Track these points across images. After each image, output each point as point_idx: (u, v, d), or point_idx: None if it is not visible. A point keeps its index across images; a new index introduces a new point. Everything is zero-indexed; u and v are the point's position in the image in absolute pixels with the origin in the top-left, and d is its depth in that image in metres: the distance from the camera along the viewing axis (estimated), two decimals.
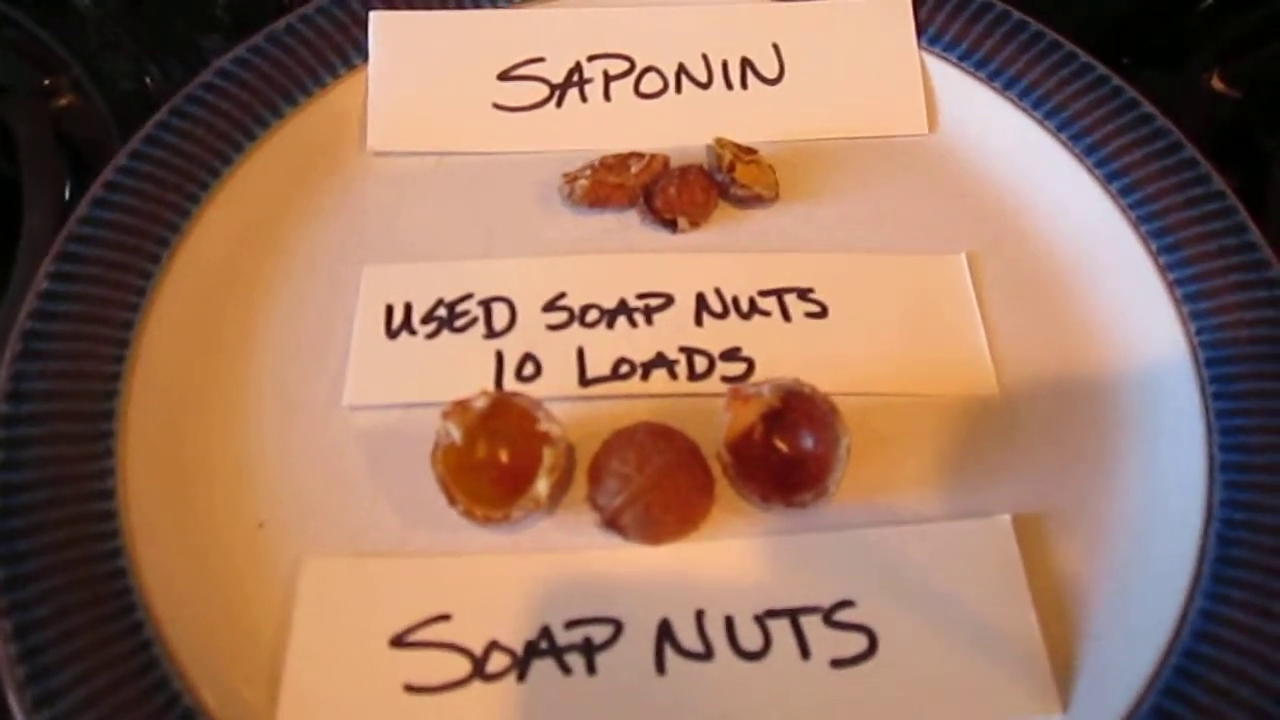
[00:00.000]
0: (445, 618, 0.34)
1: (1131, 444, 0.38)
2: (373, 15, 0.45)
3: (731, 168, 0.42)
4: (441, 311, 0.40)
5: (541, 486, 0.34)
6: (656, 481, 0.34)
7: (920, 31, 0.46)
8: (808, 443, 0.36)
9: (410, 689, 0.32)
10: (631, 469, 0.34)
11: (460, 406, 0.35)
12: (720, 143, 0.42)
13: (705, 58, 0.46)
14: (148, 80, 0.51)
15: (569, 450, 0.36)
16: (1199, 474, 0.36)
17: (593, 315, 0.40)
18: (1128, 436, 0.38)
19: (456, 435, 0.35)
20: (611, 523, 0.35)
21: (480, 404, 0.35)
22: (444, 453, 0.35)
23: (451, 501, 0.35)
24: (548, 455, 0.34)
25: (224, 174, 0.42)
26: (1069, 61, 0.44)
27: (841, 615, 0.34)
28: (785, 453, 0.36)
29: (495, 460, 0.36)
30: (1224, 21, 0.51)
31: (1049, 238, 0.42)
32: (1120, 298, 0.40)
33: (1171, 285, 0.40)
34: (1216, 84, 0.49)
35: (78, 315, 0.38)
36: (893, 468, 0.37)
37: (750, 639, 0.33)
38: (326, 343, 0.39)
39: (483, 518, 0.35)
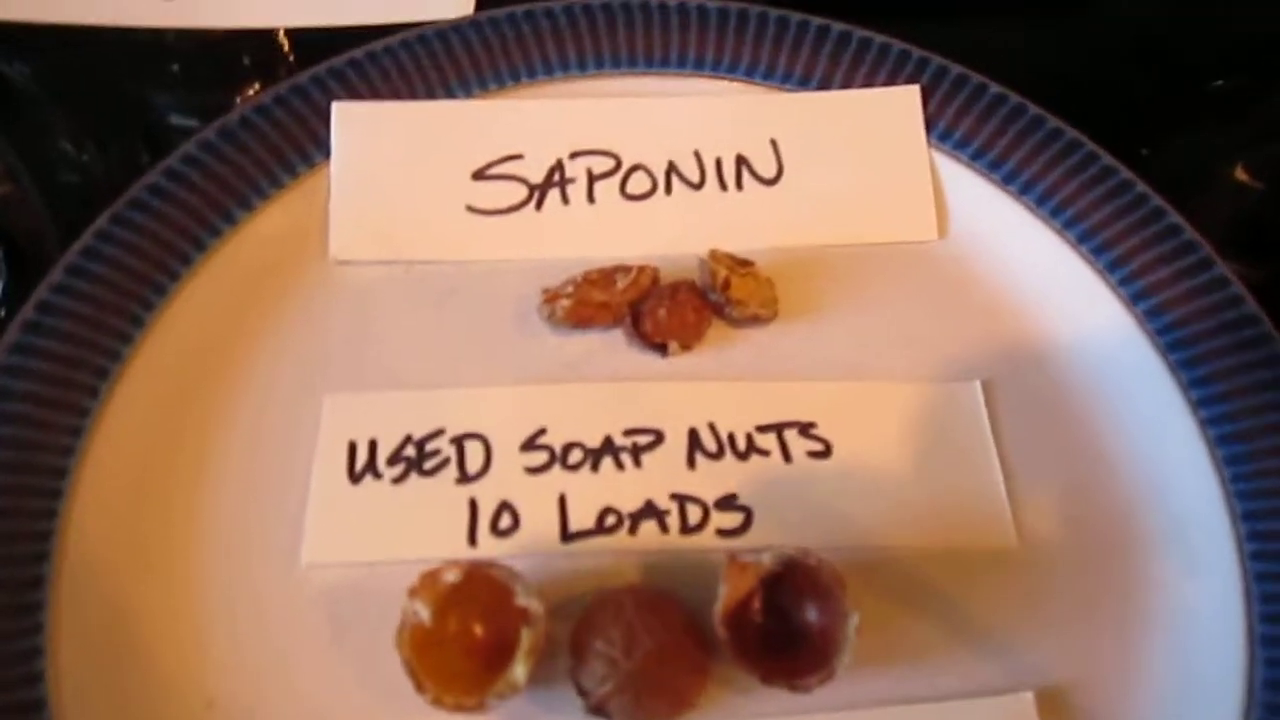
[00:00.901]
0: None
1: (1162, 609, 0.35)
2: (335, 106, 0.42)
3: (726, 285, 0.38)
4: (410, 451, 0.36)
5: (519, 673, 0.31)
6: (646, 667, 0.31)
7: (929, 127, 0.43)
8: (811, 616, 0.33)
9: None
10: (619, 653, 0.31)
11: (429, 579, 0.32)
12: (714, 256, 0.39)
13: (697, 155, 0.42)
14: (85, 158, 0.47)
15: (549, 622, 0.33)
16: (1237, 647, 0.33)
17: (575, 456, 0.36)
18: (1158, 599, 0.35)
19: (425, 615, 0.31)
20: (597, 710, 0.32)
21: (451, 577, 0.32)
22: (411, 633, 0.31)
23: (419, 689, 0.31)
24: (526, 637, 0.31)
25: (170, 290, 0.38)
26: (1089, 164, 0.41)
27: None
28: (787, 628, 0.33)
29: (468, 632, 0.33)
30: (1245, 110, 0.48)
31: (1068, 362, 0.39)
32: (1147, 435, 0.37)
33: (1203, 424, 0.37)
34: (1240, 175, 0.46)
35: (3, 464, 0.34)
36: (903, 634, 0.34)
37: None
38: (283, 487, 0.36)
39: (453, 706, 0.31)
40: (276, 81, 0.43)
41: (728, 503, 0.36)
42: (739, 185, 0.42)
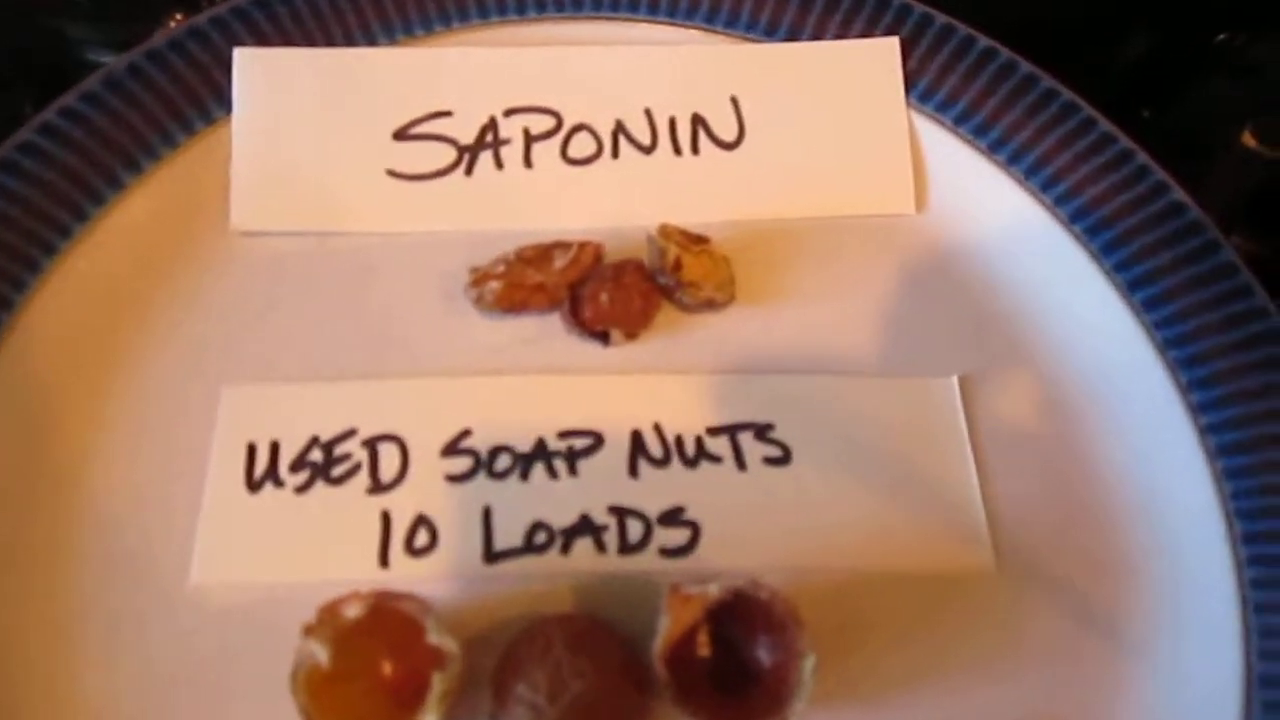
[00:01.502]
0: None
1: (1152, 642, 0.31)
2: (238, 53, 0.37)
3: (678, 266, 0.34)
4: (316, 454, 0.32)
5: None
6: (573, 716, 0.28)
7: (909, 85, 0.38)
8: (763, 654, 0.29)
9: None
10: (543, 699, 0.28)
11: (328, 615, 0.28)
12: (665, 233, 0.35)
13: (649, 114, 0.38)
14: None
15: (468, 657, 0.29)
16: (1232, 685, 0.30)
17: (503, 461, 0.32)
18: (1148, 628, 0.32)
19: (323, 656, 0.28)
20: None
21: (353, 612, 0.28)
22: (307, 676, 0.28)
23: None
24: (438, 682, 0.28)
25: (45, 266, 0.34)
26: (1086, 130, 0.37)
27: None
28: (736, 664, 0.29)
29: (373, 671, 0.29)
30: (1254, 68, 0.43)
31: (1056, 358, 0.35)
32: (1141, 442, 0.34)
33: (1203, 431, 0.33)
34: (1248, 140, 0.42)
35: None
36: (865, 669, 0.31)
37: None
38: (172, 493, 0.32)
39: None
40: (198, 10, 0.38)
41: (673, 517, 0.32)
42: (694, 149, 0.38)
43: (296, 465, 0.32)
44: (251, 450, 0.32)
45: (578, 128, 0.38)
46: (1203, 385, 0.33)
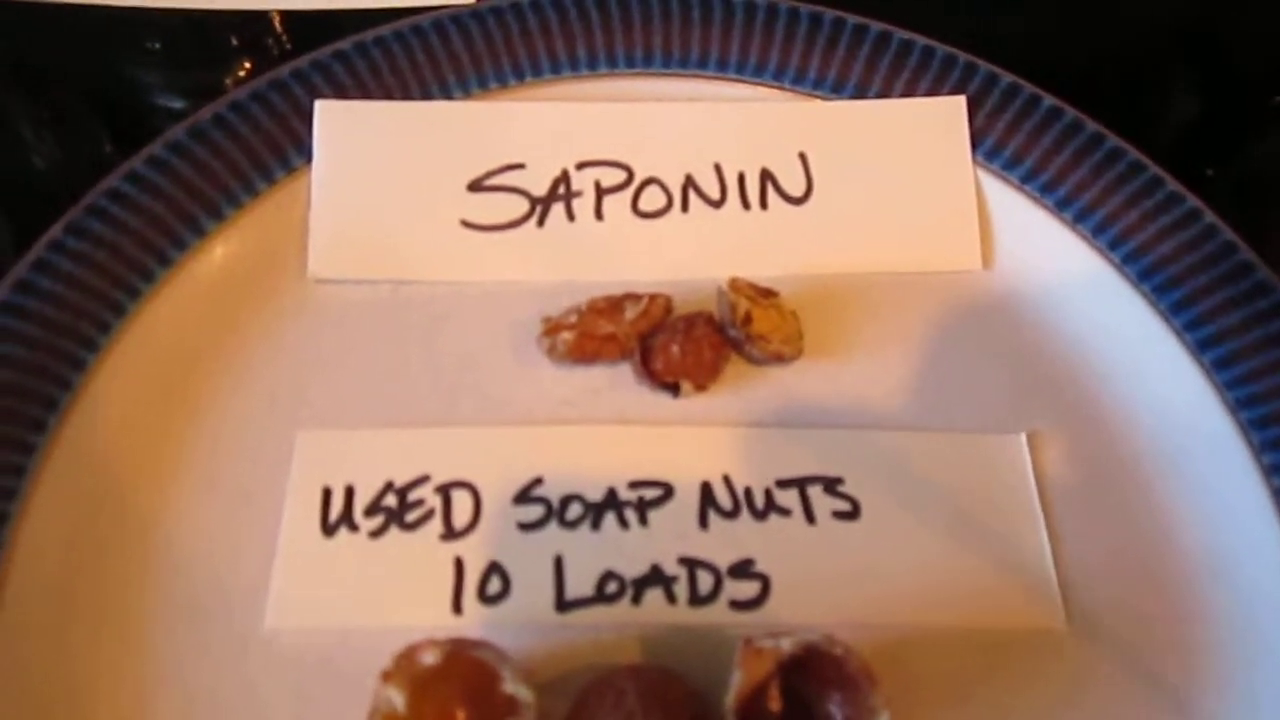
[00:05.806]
0: None
1: (1224, 709, 0.31)
2: (319, 105, 0.37)
3: (747, 320, 0.34)
4: (390, 499, 0.33)
5: None
6: None
7: (975, 143, 0.38)
8: (834, 711, 0.29)
9: None
10: None
11: (405, 661, 0.28)
12: (734, 286, 0.35)
13: (718, 168, 0.38)
14: (44, 146, 0.43)
15: (540, 704, 0.29)
16: None
17: (575, 511, 0.33)
18: (1223, 691, 0.31)
19: (399, 702, 0.28)
20: None
21: (429, 659, 0.28)
22: None
23: None
24: None
25: (129, 309, 0.35)
26: (1153, 189, 0.37)
27: None
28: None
29: (448, 716, 0.29)
30: None
31: (1125, 416, 0.35)
32: (1214, 502, 0.33)
33: (1277, 493, 0.32)
34: None
35: None
36: None
37: None
38: (248, 537, 0.32)
39: None
40: (268, 57, 0.39)
41: (743, 569, 0.32)
42: (763, 204, 0.38)
43: (371, 510, 0.32)
44: (326, 495, 0.33)
45: (648, 181, 0.38)
46: (1275, 447, 0.33)
